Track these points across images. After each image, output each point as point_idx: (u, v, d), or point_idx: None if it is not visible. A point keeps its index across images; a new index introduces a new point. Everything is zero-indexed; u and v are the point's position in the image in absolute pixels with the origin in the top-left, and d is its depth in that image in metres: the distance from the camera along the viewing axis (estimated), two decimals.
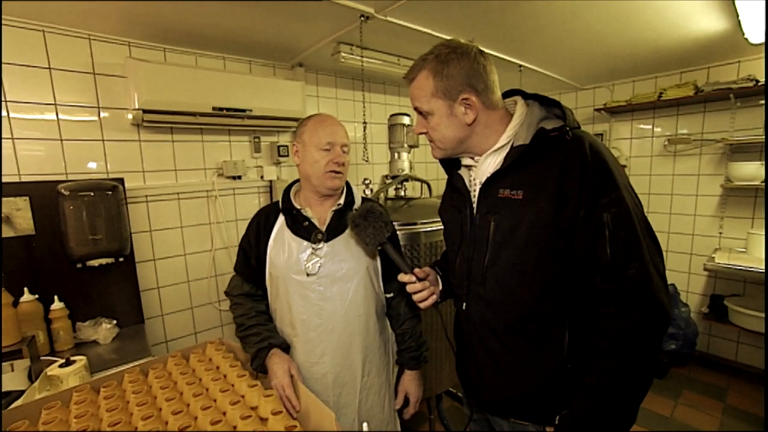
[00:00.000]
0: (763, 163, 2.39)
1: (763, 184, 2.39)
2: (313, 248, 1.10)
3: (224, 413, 0.90)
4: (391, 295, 1.24)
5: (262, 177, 2.30)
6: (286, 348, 1.12)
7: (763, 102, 2.47)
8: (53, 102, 1.64)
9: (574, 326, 0.82)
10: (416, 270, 1.02)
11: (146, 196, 1.89)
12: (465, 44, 0.86)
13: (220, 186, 2.12)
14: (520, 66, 2.50)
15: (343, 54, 2.01)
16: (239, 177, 2.18)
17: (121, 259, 1.65)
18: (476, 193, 0.91)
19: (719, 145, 2.64)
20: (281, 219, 1.16)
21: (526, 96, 0.90)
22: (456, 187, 0.98)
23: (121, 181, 1.71)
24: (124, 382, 1.07)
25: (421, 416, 2.30)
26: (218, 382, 1.02)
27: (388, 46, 2.10)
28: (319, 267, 1.10)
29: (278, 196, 2.27)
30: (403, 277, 1.01)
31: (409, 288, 1.01)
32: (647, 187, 3.04)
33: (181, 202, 2.01)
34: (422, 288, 1.00)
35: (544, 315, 0.82)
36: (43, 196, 1.52)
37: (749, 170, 2.41)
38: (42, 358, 1.36)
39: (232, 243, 2.20)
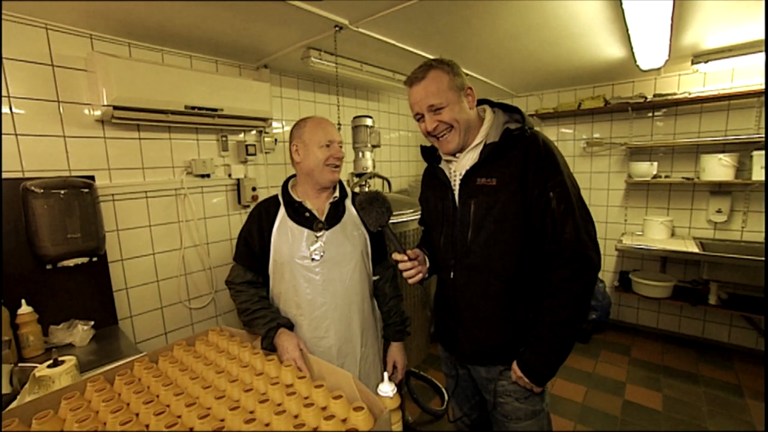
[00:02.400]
0: (653, 163, 2.99)
1: (654, 179, 3.00)
2: (315, 236, 1.24)
3: (251, 386, 1.00)
4: (377, 277, 1.42)
5: (229, 175, 2.32)
6: (291, 327, 1.24)
7: (650, 115, 3.09)
8: (6, 94, 1.53)
9: (534, 286, 1.08)
10: (408, 251, 1.20)
11: (113, 194, 1.83)
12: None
13: (188, 184, 2.11)
14: (467, 74, 2.82)
15: (312, 59, 2.12)
16: (208, 175, 2.19)
17: (95, 259, 1.61)
18: (457, 183, 1.13)
19: (623, 148, 3.23)
20: (282, 211, 1.28)
21: (492, 104, 1.16)
22: (438, 178, 1.19)
23: (92, 178, 1.65)
24: (136, 370, 1.11)
25: None
26: (234, 361, 1.12)
27: (352, 53, 2.26)
28: (321, 253, 1.24)
29: (246, 194, 2.35)
30: (396, 256, 1.18)
31: (401, 266, 1.18)
32: None
33: (150, 201, 1.97)
34: (412, 266, 1.18)
35: (516, 278, 1.07)
36: (5, 194, 1.43)
37: (643, 168, 3.00)
38: (20, 365, 1.30)
39: (202, 240, 2.20)
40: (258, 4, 1.54)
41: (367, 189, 2.48)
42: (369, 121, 2.52)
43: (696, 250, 2.70)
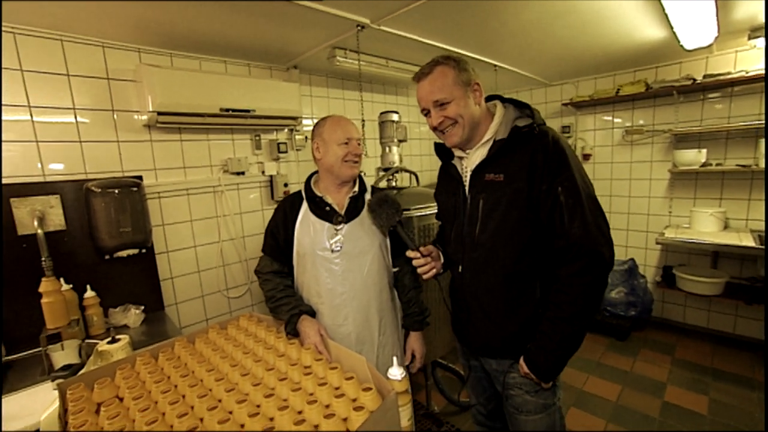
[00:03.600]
0: (702, 150, 2.77)
1: (703, 168, 2.78)
2: (335, 229, 1.31)
3: (273, 366, 1.09)
4: (398, 269, 1.47)
5: (263, 172, 2.46)
6: (313, 314, 1.32)
7: (701, 98, 2.86)
8: (72, 106, 1.75)
9: (543, 282, 1.08)
10: (421, 248, 1.24)
11: (159, 192, 2.02)
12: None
13: (225, 182, 2.27)
14: (495, 66, 2.77)
15: (338, 58, 2.20)
16: (242, 173, 2.34)
17: (143, 251, 1.80)
18: (467, 179, 1.15)
19: (666, 135, 3.02)
20: (305, 205, 1.36)
21: (503, 100, 1.16)
22: (450, 174, 1.22)
23: (140, 178, 1.84)
24: (176, 348, 1.24)
25: (417, 385, 2.55)
26: (260, 344, 1.22)
27: (377, 50, 2.30)
28: (341, 245, 1.31)
29: (278, 190, 2.48)
30: (409, 253, 1.23)
31: (414, 262, 1.23)
32: (609, 173, 3.41)
33: (190, 198, 2.15)
34: (425, 263, 1.22)
35: (521, 273, 1.07)
36: (72, 194, 1.65)
37: (690, 156, 2.79)
38: (87, 340, 1.50)
39: (238, 234, 2.36)
40: (283, 10, 1.63)
41: (394, 183, 2.53)
42: (395, 117, 2.56)
43: (752, 244, 2.48)
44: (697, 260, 3.02)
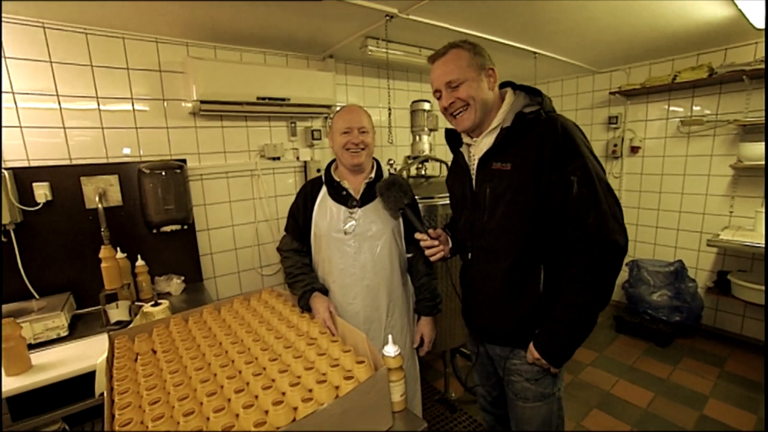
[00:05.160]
0: None
1: None
2: (349, 212, 1.38)
3: (282, 335, 1.20)
4: (411, 255, 1.51)
5: (297, 158, 2.59)
6: (325, 292, 1.41)
7: None
8: (130, 96, 1.97)
9: (548, 270, 1.06)
10: (430, 230, 1.27)
11: (201, 174, 2.22)
12: None
13: (262, 166, 2.43)
14: (535, 53, 2.65)
15: (369, 47, 2.24)
16: (278, 158, 2.48)
17: (185, 227, 2.00)
18: (474, 167, 1.15)
19: (732, 126, 2.71)
20: (324, 189, 1.44)
21: (515, 87, 1.13)
22: (459, 163, 1.23)
23: (184, 161, 2.04)
24: (204, 314, 1.40)
25: (437, 372, 2.60)
26: (275, 315, 1.34)
27: (410, 39, 2.31)
28: (354, 227, 1.38)
29: (312, 175, 2.60)
30: (417, 235, 1.26)
31: (422, 244, 1.26)
32: (660, 168, 3.14)
33: (230, 180, 2.34)
34: (432, 245, 1.25)
35: (527, 261, 1.07)
36: (128, 174, 1.87)
37: (759, 150, 2.49)
38: (136, 303, 1.72)
39: (273, 216, 2.52)
40: (317, 4, 1.70)
41: (424, 172, 2.54)
42: (427, 105, 2.55)
43: None
44: (760, 267, 2.72)
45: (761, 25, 2.04)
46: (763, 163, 2.50)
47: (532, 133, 1.02)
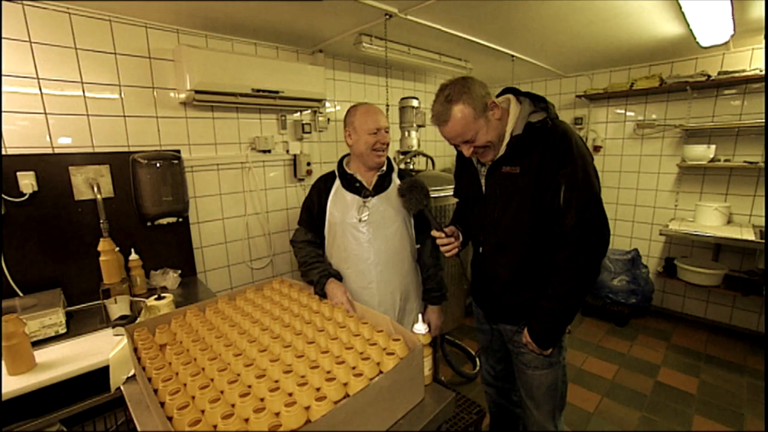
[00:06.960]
0: (711, 146, 2.84)
1: (711, 163, 2.86)
2: (363, 202, 1.45)
3: (310, 320, 1.24)
4: (419, 246, 1.60)
5: (287, 151, 2.58)
6: (340, 278, 1.47)
7: (715, 94, 2.92)
8: (118, 83, 1.87)
9: (548, 261, 1.20)
10: (445, 228, 1.36)
11: (192, 166, 2.16)
12: (459, 77, 1.15)
13: (252, 158, 2.40)
14: (513, 56, 2.84)
15: (364, 44, 2.29)
16: (269, 151, 2.46)
17: (181, 220, 1.94)
18: (484, 172, 1.27)
19: (677, 130, 3.09)
20: (337, 182, 1.50)
21: (518, 93, 1.22)
22: (467, 166, 1.34)
23: (178, 152, 1.98)
24: (219, 304, 1.40)
25: None
26: (295, 302, 1.37)
27: (402, 37, 2.39)
28: (368, 216, 1.44)
29: (301, 168, 2.61)
30: (435, 233, 1.34)
31: (438, 241, 1.35)
32: (618, 165, 3.49)
33: (220, 173, 2.29)
34: (448, 242, 1.34)
35: (534, 254, 1.21)
36: (119, 164, 1.79)
37: (699, 152, 2.87)
38: (131, 298, 1.67)
39: (263, 209, 2.50)
40: None
41: (412, 167, 2.64)
42: (415, 102, 2.65)
43: (753, 238, 2.58)
44: (699, 253, 3.13)
45: (706, 43, 2.35)
46: (702, 162, 2.88)
47: (537, 139, 1.12)
